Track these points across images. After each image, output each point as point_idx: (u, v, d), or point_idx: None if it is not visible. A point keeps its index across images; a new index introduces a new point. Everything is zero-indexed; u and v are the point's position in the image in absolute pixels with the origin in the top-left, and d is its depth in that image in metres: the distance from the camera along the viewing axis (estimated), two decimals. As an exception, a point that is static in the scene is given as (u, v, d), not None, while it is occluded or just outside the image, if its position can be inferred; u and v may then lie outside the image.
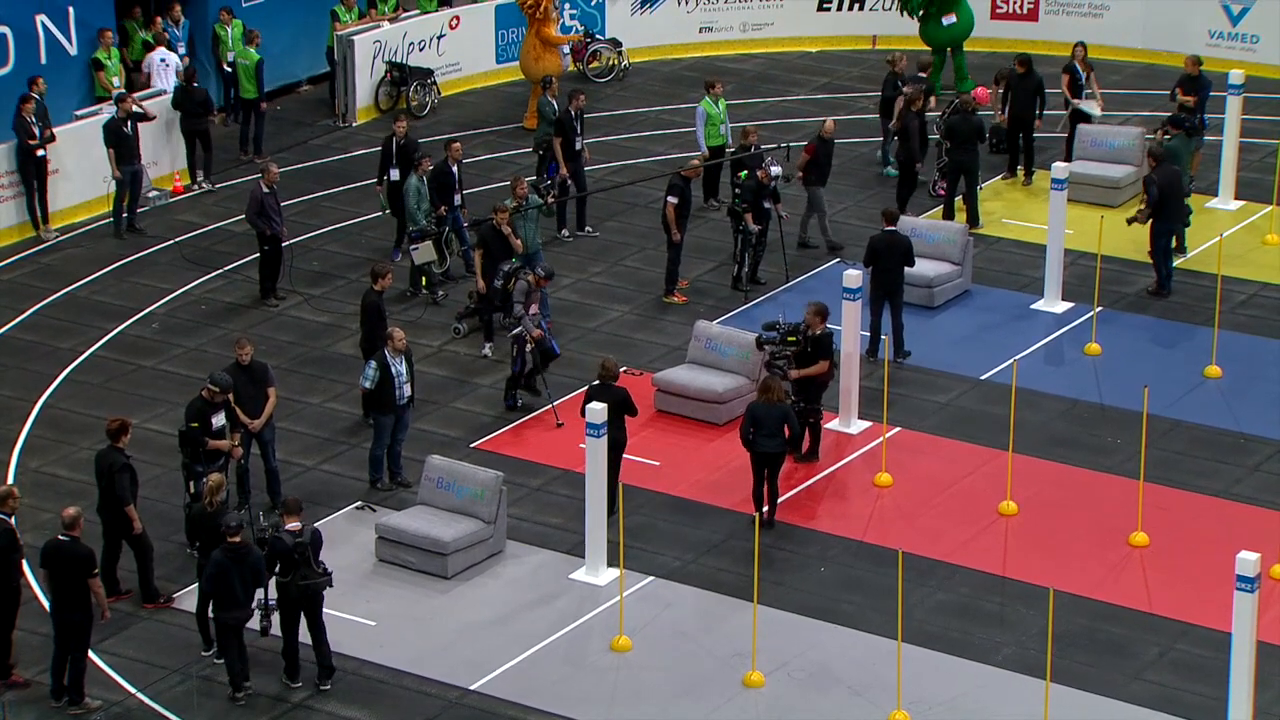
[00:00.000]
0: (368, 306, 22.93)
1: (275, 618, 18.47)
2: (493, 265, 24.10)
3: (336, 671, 18.72)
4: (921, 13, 32.47)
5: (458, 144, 26.89)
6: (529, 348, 23.06)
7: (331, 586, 18.57)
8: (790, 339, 21.95)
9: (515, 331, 23.09)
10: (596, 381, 21.23)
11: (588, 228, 28.06)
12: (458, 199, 26.61)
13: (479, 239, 24.73)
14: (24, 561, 18.93)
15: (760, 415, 20.76)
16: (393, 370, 21.44)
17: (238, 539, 18.19)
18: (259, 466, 21.27)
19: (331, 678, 18.65)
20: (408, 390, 21.61)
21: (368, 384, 21.61)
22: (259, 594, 18.39)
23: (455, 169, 26.57)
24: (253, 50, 30.50)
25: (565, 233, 27.95)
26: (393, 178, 26.99)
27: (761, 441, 20.77)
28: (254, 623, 18.45)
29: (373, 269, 23.40)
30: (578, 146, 28.14)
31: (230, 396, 20.59)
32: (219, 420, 20.45)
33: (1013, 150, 29.76)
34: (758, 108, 32.44)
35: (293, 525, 18.50)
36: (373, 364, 21.55)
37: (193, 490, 20.16)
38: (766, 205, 26.12)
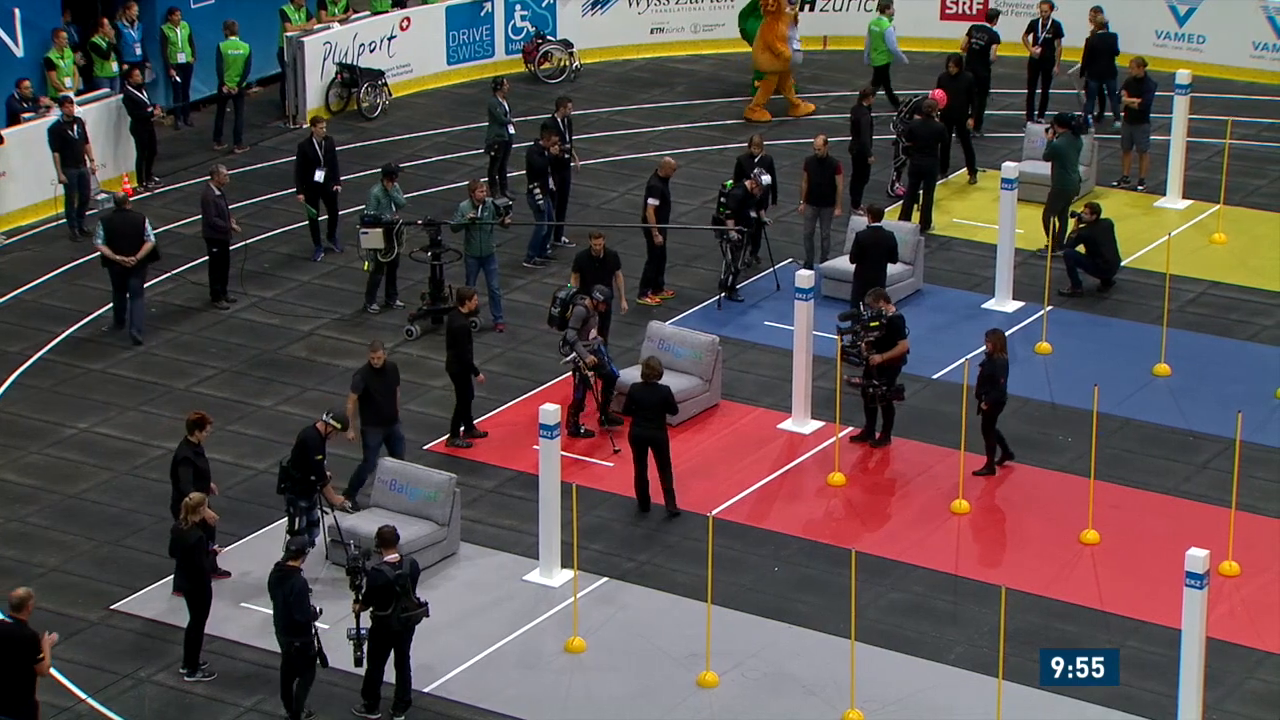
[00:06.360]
0: (455, 330, 22.50)
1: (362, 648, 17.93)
2: (586, 289, 23.43)
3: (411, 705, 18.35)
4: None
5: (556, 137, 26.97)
6: (588, 374, 22.71)
7: (429, 617, 18.21)
8: (873, 324, 22.33)
9: (569, 358, 22.71)
10: (640, 381, 21.31)
11: (564, 239, 27.77)
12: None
13: (574, 263, 24.19)
14: None
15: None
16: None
17: (293, 564, 17.77)
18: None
19: (406, 711, 18.22)
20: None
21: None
22: (349, 625, 18.00)
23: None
24: (238, 40, 30.45)
25: (566, 239, 27.70)
26: (318, 179, 26.84)
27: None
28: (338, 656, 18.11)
29: (458, 292, 23.14)
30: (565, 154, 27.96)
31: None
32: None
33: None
34: (709, 108, 32.45)
35: (391, 557, 17.97)
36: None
37: (298, 526, 19.79)
38: (753, 214, 25.96)
